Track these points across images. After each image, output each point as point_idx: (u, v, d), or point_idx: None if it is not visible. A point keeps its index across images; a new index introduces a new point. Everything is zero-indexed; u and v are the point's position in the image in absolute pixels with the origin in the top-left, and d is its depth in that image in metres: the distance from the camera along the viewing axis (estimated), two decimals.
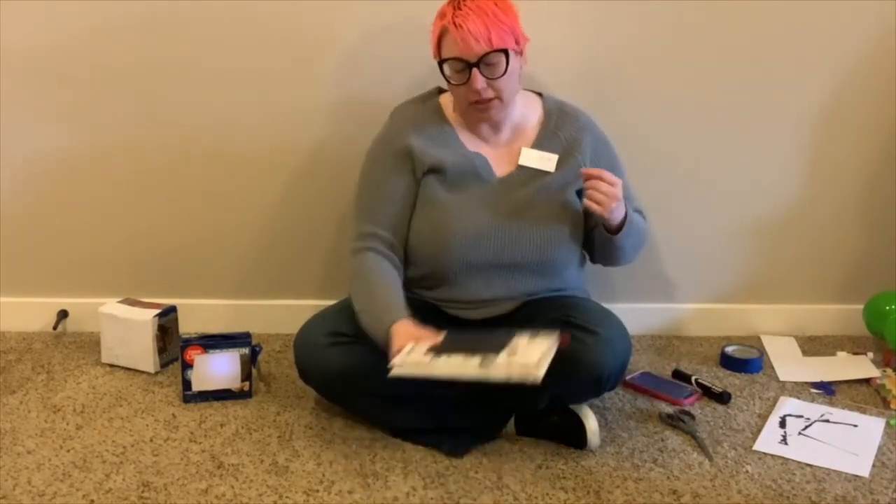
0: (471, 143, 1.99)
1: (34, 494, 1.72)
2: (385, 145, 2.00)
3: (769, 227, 2.45)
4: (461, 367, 1.64)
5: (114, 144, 2.36)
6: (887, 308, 2.32)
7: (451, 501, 1.71)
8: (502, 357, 1.64)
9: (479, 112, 1.92)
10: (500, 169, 1.98)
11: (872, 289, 2.42)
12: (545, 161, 1.97)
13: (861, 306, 2.42)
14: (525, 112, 2.01)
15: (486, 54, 1.83)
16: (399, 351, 1.72)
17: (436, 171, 1.95)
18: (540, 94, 2.06)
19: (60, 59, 2.29)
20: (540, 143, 1.99)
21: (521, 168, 1.97)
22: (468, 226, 1.93)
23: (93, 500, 1.70)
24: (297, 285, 2.48)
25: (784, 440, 1.95)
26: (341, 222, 2.36)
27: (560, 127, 2.00)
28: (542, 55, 2.29)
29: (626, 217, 1.89)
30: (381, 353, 1.87)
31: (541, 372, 1.60)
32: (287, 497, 1.72)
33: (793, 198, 2.44)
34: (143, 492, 1.73)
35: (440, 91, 2.04)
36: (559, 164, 1.97)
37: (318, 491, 1.74)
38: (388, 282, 1.92)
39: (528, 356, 1.63)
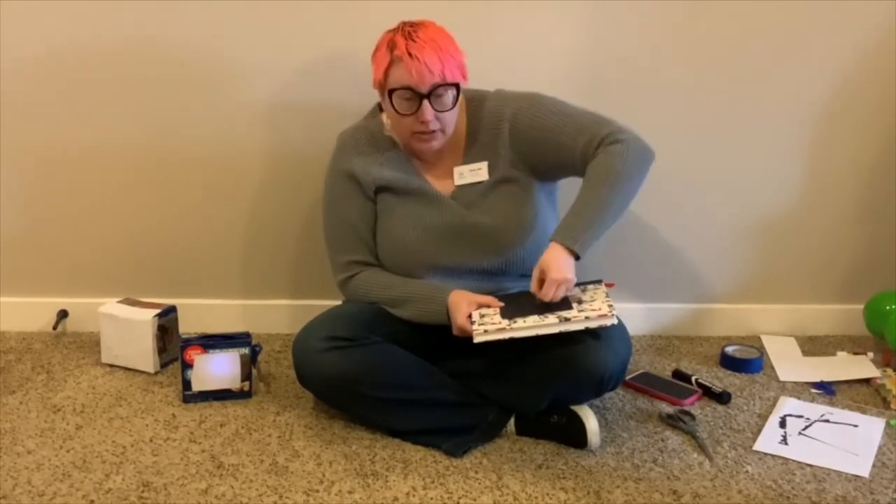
0: (412, 160, 2.03)
1: (34, 494, 1.71)
2: (333, 174, 2.06)
3: (769, 227, 2.45)
4: (541, 325, 1.77)
5: (113, 145, 2.36)
6: (887, 308, 2.32)
7: (451, 501, 1.71)
8: (574, 311, 1.78)
9: (422, 142, 1.96)
10: (443, 187, 2.02)
11: (872, 289, 2.42)
12: (476, 173, 2.01)
13: (861, 306, 2.42)
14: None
15: (438, 86, 1.86)
16: (468, 318, 1.84)
17: (385, 188, 2.01)
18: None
19: (61, 61, 2.29)
20: (468, 156, 2.02)
21: (459, 186, 2.01)
22: (427, 236, 1.97)
23: (92, 501, 1.70)
24: (297, 285, 2.48)
25: (784, 440, 1.95)
26: None
27: (480, 130, 2.01)
28: (544, 56, 2.30)
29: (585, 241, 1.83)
30: (379, 355, 1.88)
31: (615, 317, 1.75)
32: (287, 497, 1.72)
33: (793, 198, 2.44)
34: (142, 492, 1.73)
35: (382, 108, 2.05)
36: (490, 168, 2.00)
37: (318, 491, 1.74)
38: (404, 276, 1.99)
39: (596, 306, 1.80)
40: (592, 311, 1.77)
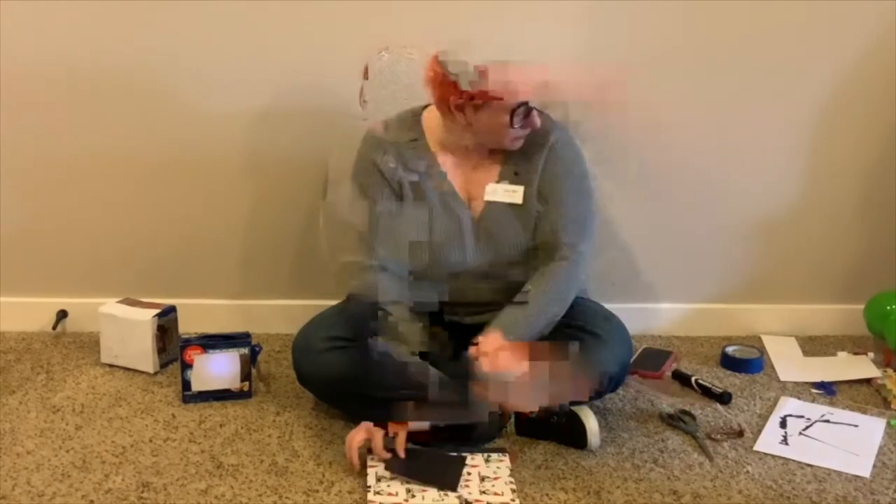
0: (446, 166, 1.98)
1: (33, 495, 1.71)
2: (358, 167, 1.99)
3: (770, 227, 2.45)
4: None
5: (114, 146, 2.36)
6: (888, 308, 2.32)
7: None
8: (477, 494, 1.70)
9: (517, 141, 1.92)
10: (472, 197, 1.98)
11: (873, 289, 2.42)
12: (510, 195, 1.97)
13: (861, 306, 2.42)
14: None
15: None
16: (362, 441, 1.80)
17: (409, 186, 1.96)
18: None
19: (61, 62, 2.29)
20: (502, 174, 1.97)
21: (489, 202, 1.97)
22: (450, 244, 1.95)
23: (92, 501, 1.70)
24: (297, 285, 2.47)
25: (785, 440, 1.95)
26: None
27: (516, 152, 1.97)
28: (544, 57, 2.29)
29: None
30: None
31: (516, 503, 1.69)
32: (287, 497, 1.72)
33: (793, 198, 2.43)
34: (142, 492, 1.73)
35: (423, 108, 2.01)
36: (526, 196, 1.95)
37: (317, 491, 1.74)
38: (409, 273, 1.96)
39: (499, 488, 1.72)
40: (495, 495, 1.70)
